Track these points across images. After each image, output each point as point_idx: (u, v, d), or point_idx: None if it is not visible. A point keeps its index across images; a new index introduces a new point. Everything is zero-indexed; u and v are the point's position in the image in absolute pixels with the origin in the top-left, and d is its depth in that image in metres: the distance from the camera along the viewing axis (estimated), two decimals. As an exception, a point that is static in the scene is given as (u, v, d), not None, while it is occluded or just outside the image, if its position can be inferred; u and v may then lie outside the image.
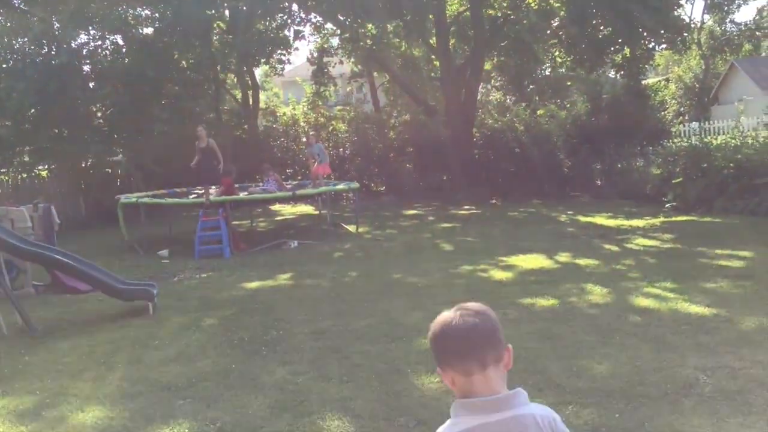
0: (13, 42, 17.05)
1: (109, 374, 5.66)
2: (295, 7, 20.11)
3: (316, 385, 5.14)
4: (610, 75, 21.51)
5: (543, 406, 1.89)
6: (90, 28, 17.61)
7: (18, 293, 8.19)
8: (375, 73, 23.74)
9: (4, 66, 16.30)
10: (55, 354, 6.34)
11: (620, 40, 17.30)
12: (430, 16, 19.23)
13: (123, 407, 4.92)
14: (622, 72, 18.98)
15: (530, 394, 4.58)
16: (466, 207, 16.52)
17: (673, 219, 12.67)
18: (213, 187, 12.87)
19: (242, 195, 13.65)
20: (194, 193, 13.77)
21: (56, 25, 17.18)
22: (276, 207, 19.19)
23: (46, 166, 18.99)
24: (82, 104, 16.63)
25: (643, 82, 19.57)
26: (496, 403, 1.81)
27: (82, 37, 17.65)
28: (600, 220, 13.20)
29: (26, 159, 18.08)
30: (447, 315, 1.88)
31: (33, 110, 16.02)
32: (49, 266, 8.45)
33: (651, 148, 17.73)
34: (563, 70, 21.64)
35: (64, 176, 17.83)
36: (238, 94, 22.77)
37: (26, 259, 8.34)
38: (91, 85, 17.36)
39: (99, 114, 18.03)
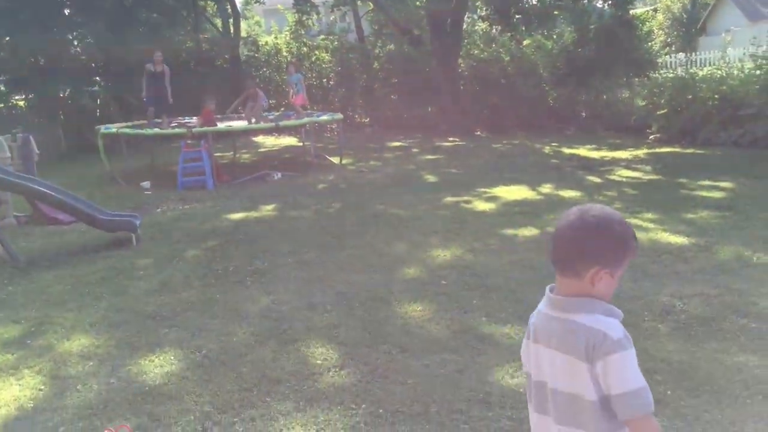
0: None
1: (94, 304, 5.68)
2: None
3: (300, 314, 5.20)
4: (597, 4, 21.14)
5: (596, 318, 1.84)
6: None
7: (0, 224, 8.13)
8: (359, 2, 23.19)
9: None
10: (38, 284, 6.34)
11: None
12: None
13: (109, 336, 4.96)
14: (610, 1, 18.66)
15: (512, 323, 4.67)
16: (451, 139, 16.44)
17: (657, 150, 12.71)
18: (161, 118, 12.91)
19: (223, 126, 13.49)
20: (175, 124, 13.59)
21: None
22: (259, 139, 19.01)
23: (23, 96, 18.61)
24: (57, 33, 16.16)
25: (631, 11, 19.23)
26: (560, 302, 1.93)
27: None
28: (584, 151, 13.22)
29: (2, 88, 17.67)
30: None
31: (8, 38, 15.56)
32: (30, 197, 8.36)
33: (637, 79, 17.61)
34: (550, -1, 21.25)
35: (42, 106, 17.47)
36: (219, 23, 22.21)
37: (6, 189, 8.24)
38: (66, 12, 16.84)
39: (76, 42, 17.56)
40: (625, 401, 1.79)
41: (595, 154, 12.78)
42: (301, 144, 16.62)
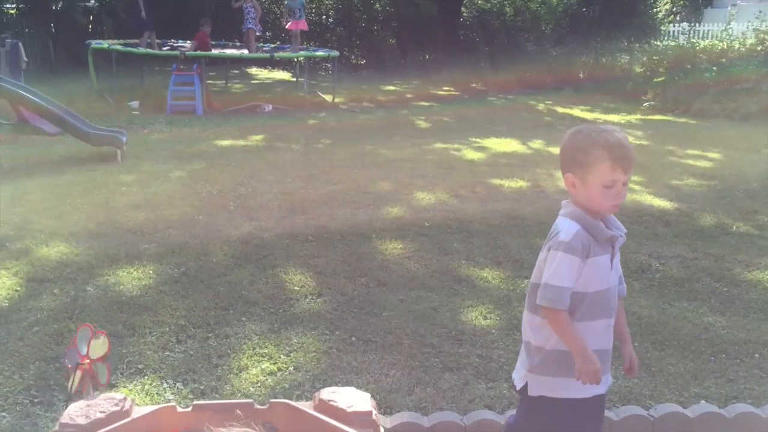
0: None
1: (75, 213, 5.66)
2: None
3: (280, 241, 5.21)
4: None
5: (565, 220, 2.14)
6: None
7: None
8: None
9: None
10: (20, 190, 6.30)
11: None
12: None
13: (88, 245, 4.96)
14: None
15: (490, 268, 4.72)
16: (446, 88, 16.30)
17: (650, 117, 12.69)
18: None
19: (216, 52, 13.27)
20: (168, 46, 13.34)
21: None
22: (252, 70, 18.75)
23: (14, 5, 18.12)
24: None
25: (640, -25, 18.97)
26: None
27: None
28: (577, 112, 13.17)
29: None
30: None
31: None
32: (17, 102, 8.20)
33: (637, 45, 17.48)
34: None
35: (33, 16, 17.04)
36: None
37: (-8, 93, 8.09)
38: None
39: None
40: (543, 290, 2.12)
41: (589, 116, 12.75)
42: (294, 79, 16.42)
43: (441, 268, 4.80)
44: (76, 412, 1.98)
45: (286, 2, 13.75)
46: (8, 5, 18.09)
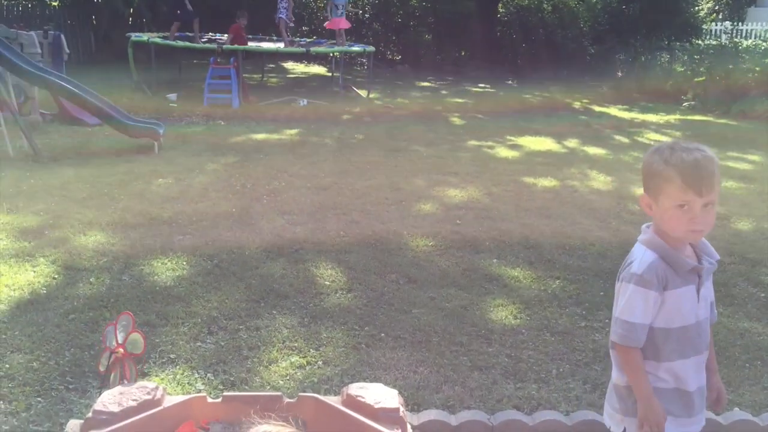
0: None
1: (112, 204, 5.76)
2: None
3: (313, 236, 5.24)
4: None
5: (640, 248, 1.99)
6: None
7: (26, 119, 8.18)
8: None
9: None
10: (60, 180, 6.42)
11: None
12: None
13: (124, 235, 5.04)
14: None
15: (521, 267, 4.70)
16: (482, 85, 16.22)
17: (689, 117, 12.48)
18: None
19: (253, 45, 13.37)
20: (205, 39, 13.49)
21: None
22: (288, 64, 18.85)
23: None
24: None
25: (682, -27, 18.63)
26: None
27: None
28: (614, 111, 13.01)
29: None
30: None
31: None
32: (58, 93, 8.38)
33: (678, 43, 17.17)
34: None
35: (75, 8, 17.36)
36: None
37: (35, 83, 8.26)
38: None
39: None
40: (614, 324, 2.00)
41: (626, 115, 12.58)
42: (330, 74, 16.47)
43: (472, 267, 4.78)
44: (109, 399, 2.02)
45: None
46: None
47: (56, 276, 4.29)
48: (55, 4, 18.35)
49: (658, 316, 1.95)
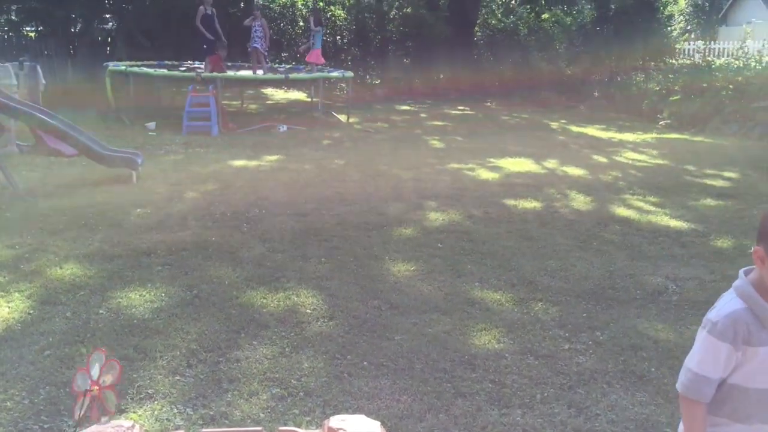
0: None
1: (89, 235, 5.68)
2: None
3: (293, 263, 5.20)
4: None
5: (730, 293, 1.82)
6: None
7: (1, 152, 8.09)
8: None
9: None
10: (35, 212, 6.34)
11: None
12: None
13: (101, 267, 4.97)
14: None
15: (503, 290, 4.68)
16: (460, 107, 16.32)
17: (665, 136, 12.62)
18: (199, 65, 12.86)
19: (231, 73, 13.38)
20: (184, 67, 13.48)
21: None
22: (268, 91, 18.87)
23: (34, 28, 18.41)
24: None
25: (654, -6, 18.97)
26: None
27: None
28: (592, 131, 13.13)
29: (13, 18, 17.48)
30: None
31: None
32: (34, 125, 8.30)
33: (653, 63, 17.44)
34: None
35: (51, 38, 17.30)
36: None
37: (10, 115, 8.18)
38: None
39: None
40: (681, 371, 1.84)
41: (603, 135, 12.70)
42: (309, 99, 16.50)
43: (454, 291, 4.76)
44: (82, 441, 1.96)
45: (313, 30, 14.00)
46: (28, 28, 18.39)
47: (31, 311, 4.20)
48: (32, 34, 18.28)
49: (737, 371, 1.77)
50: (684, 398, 1.82)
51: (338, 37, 20.78)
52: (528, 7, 19.71)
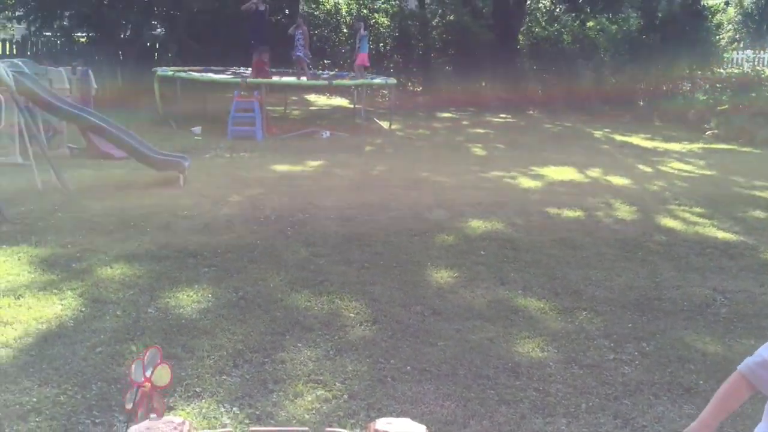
0: None
1: (138, 237, 5.81)
2: None
3: (336, 268, 5.24)
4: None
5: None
6: None
7: (54, 154, 8.33)
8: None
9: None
10: (87, 213, 6.50)
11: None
12: None
13: (150, 267, 5.08)
14: (681, -11, 18.14)
15: (547, 299, 4.66)
16: (503, 115, 16.26)
17: (713, 146, 12.39)
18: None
19: (276, 79, 13.55)
20: (230, 72, 13.69)
21: None
22: (311, 96, 19.03)
23: (85, 33, 18.90)
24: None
25: (703, 2, 18.64)
26: None
27: None
28: (637, 140, 12.95)
29: (65, 23, 17.98)
30: None
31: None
32: (86, 128, 8.53)
33: (700, 72, 17.12)
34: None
35: (102, 44, 17.73)
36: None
37: (63, 118, 8.42)
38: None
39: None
40: (751, 357, 1.89)
41: (649, 144, 12.52)
42: (352, 106, 16.61)
43: (497, 298, 4.74)
44: (137, 434, 2.01)
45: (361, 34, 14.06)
46: (79, 34, 18.89)
47: (83, 308, 4.32)
48: (83, 40, 18.77)
49: None
50: (739, 374, 1.86)
51: (381, 44, 20.86)
52: (573, 15, 19.53)
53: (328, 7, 22.09)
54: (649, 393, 3.51)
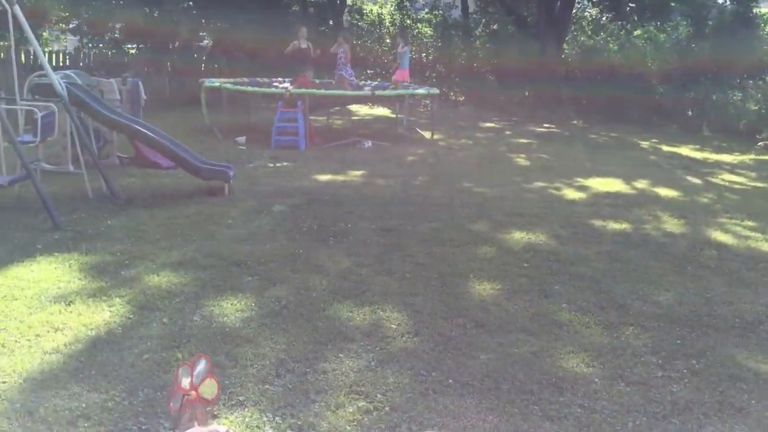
0: None
1: (184, 245, 5.90)
2: None
3: (378, 278, 5.25)
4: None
5: None
6: None
7: (104, 163, 8.53)
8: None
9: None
10: (135, 221, 6.63)
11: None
12: None
13: (195, 276, 5.15)
14: (732, -3, 17.76)
15: (592, 313, 4.59)
16: (546, 125, 16.11)
17: (765, 157, 12.07)
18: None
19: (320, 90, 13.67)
20: (275, 84, 13.86)
21: None
22: (353, 107, 19.13)
23: (135, 45, 19.36)
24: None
25: (755, 10, 18.20)
26: None
27: None
28: (685, 151, 12.70)
29: (117, 36, 18.44)
30: None
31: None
32: (135, 138, 8.70)
33: (751, 81, 16.71)
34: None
35: (150, 55, 18.14)
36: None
37: (114, 128, 8.61)
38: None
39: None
40: None
41: (698, 155, 12.26)
42: (394, 116, 16.65)
43: (541, 311, 4.69)
44: (183, 443, 2.04)
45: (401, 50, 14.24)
46: (129, 46, 19.37)
47: (131, 316, 4.40)
48: (133, 52, 19.23)
49: None
50: None
51: (423, 54, 20.90)
52: (619, 23, 19.29)
53: (371, 17, 22.24)
54: (699, 412, 3.41)
